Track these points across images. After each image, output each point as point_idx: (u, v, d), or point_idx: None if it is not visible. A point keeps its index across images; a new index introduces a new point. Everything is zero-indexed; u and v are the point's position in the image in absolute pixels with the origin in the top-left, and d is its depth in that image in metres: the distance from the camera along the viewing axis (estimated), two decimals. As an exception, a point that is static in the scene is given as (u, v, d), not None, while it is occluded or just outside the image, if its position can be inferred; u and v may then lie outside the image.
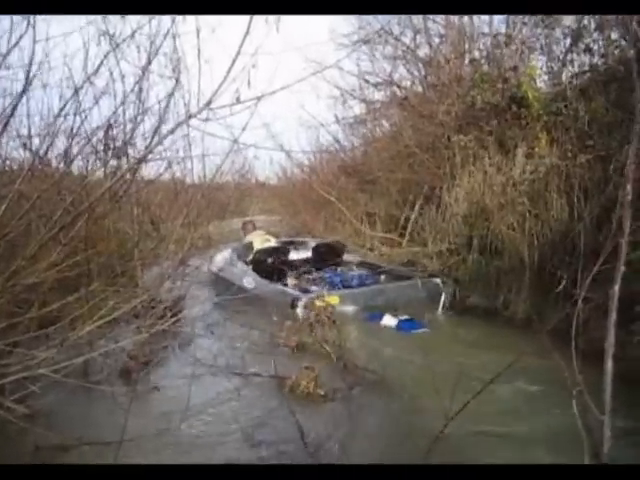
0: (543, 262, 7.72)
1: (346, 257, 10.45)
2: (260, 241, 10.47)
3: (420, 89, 13.03)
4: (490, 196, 8.65)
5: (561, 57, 9.98)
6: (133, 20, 5.03)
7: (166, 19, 4.74)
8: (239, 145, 5.05)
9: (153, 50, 4.98)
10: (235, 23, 4.39)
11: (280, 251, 10.12)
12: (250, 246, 10.25)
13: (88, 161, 6.58)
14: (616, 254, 3.24)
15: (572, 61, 9.65)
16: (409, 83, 13.64)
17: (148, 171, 7.52)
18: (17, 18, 4.34)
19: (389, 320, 7.56)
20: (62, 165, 6.03)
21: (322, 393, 5.30)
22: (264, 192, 22.40)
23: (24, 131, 5.86)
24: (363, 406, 5.13)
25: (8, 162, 6.31)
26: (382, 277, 9.48)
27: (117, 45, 5.13)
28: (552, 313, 6.67)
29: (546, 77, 10.20)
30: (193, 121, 4.61)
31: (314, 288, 8.81)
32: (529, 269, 7.81)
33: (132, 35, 5.08)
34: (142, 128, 5.83)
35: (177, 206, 7.94)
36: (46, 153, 5.69)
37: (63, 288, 5.11)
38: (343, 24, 17.38)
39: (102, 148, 6.27)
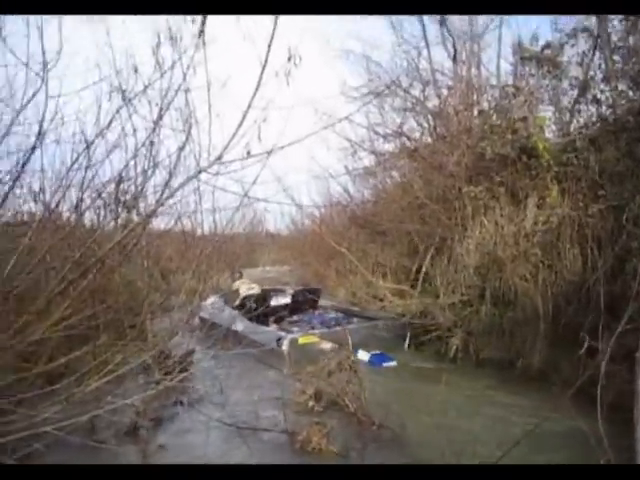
0: (557, 313, 7.59)
1: (321, 302, 11.68)
2: (245, 288, 11.46)
3: (430, 140, 13.08)
4: (502, 247, 8.58)
5: (569, 108, 10.04)
6: (145, 75, 5.08)
7: (178, 74, 4.79)
8: (250, 199, 5.06)
9: (165, 104, 5.01)
10: (246, 78, 4.44)
11: (263, 297, 10.95)
12: (237, 293, 11.28)
13: (99, 214, 6.59)
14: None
15: (580, 111, 9.70)
16: (418, 134, 13.72)
17: (158, 224, 7.52)
18: (31, 75, 4.41)
19: (363, 355, 8.38)
20: (73, 218, 6.05)
21: (335, 450, 5.17)
22: (275, 243, 22.44)
23: (37, 184, 5.92)
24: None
25: (19, 215, 6.33)
26: (355, 319, 10.42)
27: (129, 100, 5.18)
28: (568, 365, 6.54)
29: (555, 127, 10.25)
30: (204, 175, 4.63)
31: (295, 329, 9.92)
32: (543, 320, 7.67)
33: (144, 90, 5.12)
34: (153, 181, 5.84)
35: (187, 258, 7.92)
36: (57, 206, 5.71)
37: (71, 342, 5.05)
38: (353, 77, 17.62)
39: (113, 201, 6.27)
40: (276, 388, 6.67)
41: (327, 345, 8.67)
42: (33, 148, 4.65)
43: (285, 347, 8.34)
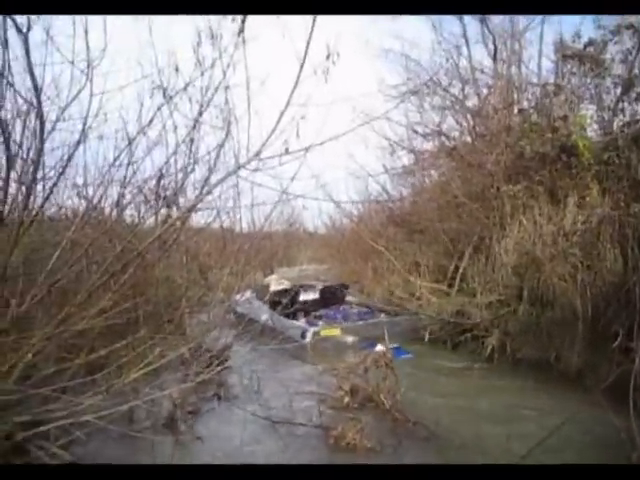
0: (597, 314, 7.47)
1: (348, 298, 12.59)
2: (275, 284, 12.07)
3: (469, 139, 13.00)
4: (541, 246, 8.48)
5: (612, 106, 9.89)
6: (186, 73, 5.18)
7: (218, 72, 4.88)
8: (287, 195, 5.13)
9: (205, 102, 5.10)
10: (284, 75, 4.50)
11: (292, 292, 11.29)
12: (267, 288, 11.76)
13: (140, 210, 6.73)
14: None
15: (623, 110, 9.55)
16: (458, 133, 13.65)
17: (197, 220, 7.63)
18: (76, 73, 4.53)
19: (380, 348, 8.17)
20: (114, 213, 6.18)
21: (369, 446, 5.18)
22: (313, 241, 22.44)
23: (80, 180, 6.08)
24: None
25: (63, 210, 6.50)
26: (382, 314, 11.09)
27: (170, 98, 5.28)
28: (607, 367, 6.46)
29: (596, 126, 10.10)
30: (242, 171, 4.72)
31: (320, 323, 10.68)
32: (582, 321, 7.56)
33: (185, 88, 5.22)
34: (192, 178, 5.94)
35: (225, 255, 8.02)
36: (99, 201, 5.85)
37: (111, 334, 5.16)
38: (392, 75, 17.50)
39: (153, 197, 6.39)
40: (309, 382, 6.76)
41: (349, 338, 9.49)
42: (77, 144, 4.77)
43: (308, 339, 9.19)
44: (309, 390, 6.63)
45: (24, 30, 3.76)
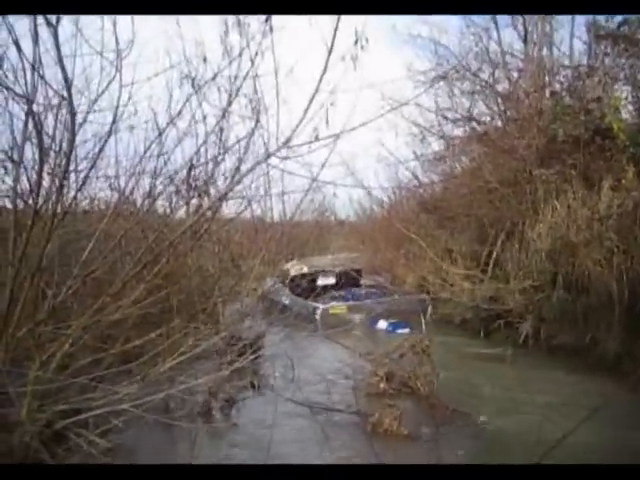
0: (634, 299, 7.35)
1: (362, 281, 13.66)
2: (295, 269, 12.87)
3: (500, 124, 12.84)
4: (575, 231, 8.35)
5: (647, 86, 9.69)
6: (214, 62, 5.17)
7: (246, 60, 4.85)
8: (318, 183, 5.11)
9: (233, 91, 5.09)
10: (313, 62, 4.46)
11: (310, 276, 12.62)
12: (287, 272, 12.61)
13: (171, 200, 6.76)
14: None
15: (660, 90, 9.36)
16: (488, 118, 13.49)
17: (229, 209, 7.65)
18: (105, 63, 4.55)
19: (382, 323, 10.04)
20: (146, 204, 6.22)
21: (406, 432, 5.17)
22: (344, 229, 22.37)
23: (112, 172, 6.12)
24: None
25: (96, 202, 6.56)
26: (395, 295, 11.90)
27: (199, 88, 5.28)
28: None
29: (631, 107, 9.90)
30: (272, 160, 4.70)
31: (333, 303, 11.48)
32: (618, 306, 7.44)
33: (213, 77, 5.22)
34: (223, 167, 5.94)
35: (257, 243, 8.06)
36: (131, 193, 5.89)
37: (145, 324, 5.21)
38: (421, 61, 17.33)
39: (184, 187, 6.41)
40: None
41: (356, 316, 10.52)
42: (108, 136, 4.80)
43: (318, 316, 10.30)
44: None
45: (54, 23, 3.77)
